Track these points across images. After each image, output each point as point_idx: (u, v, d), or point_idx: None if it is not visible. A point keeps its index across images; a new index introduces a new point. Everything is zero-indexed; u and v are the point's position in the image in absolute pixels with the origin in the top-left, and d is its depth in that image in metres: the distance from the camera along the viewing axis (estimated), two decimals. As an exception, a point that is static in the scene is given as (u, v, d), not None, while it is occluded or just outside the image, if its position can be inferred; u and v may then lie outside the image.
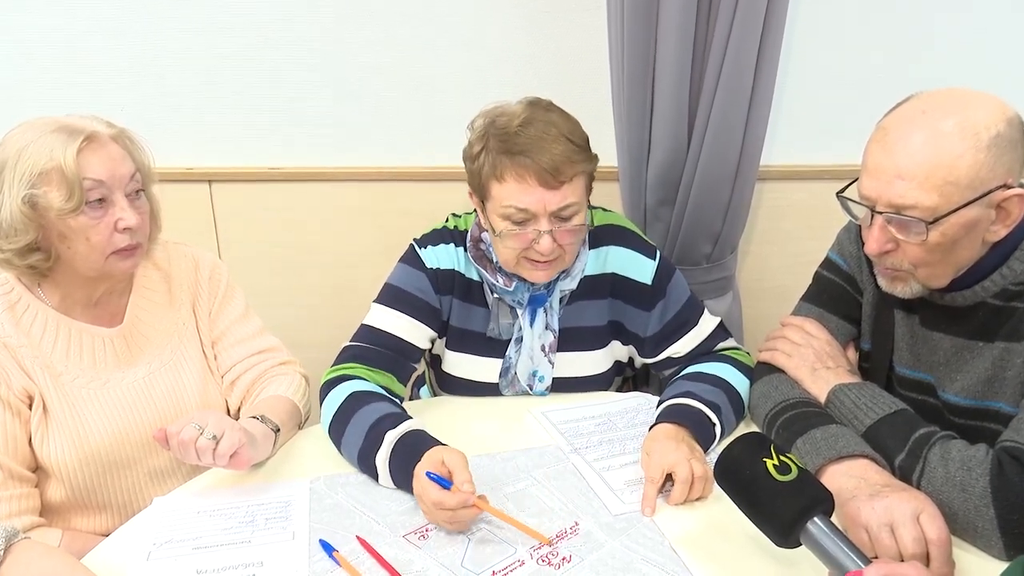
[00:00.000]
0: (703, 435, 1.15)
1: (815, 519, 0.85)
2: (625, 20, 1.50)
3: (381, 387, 1.22)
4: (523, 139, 1.14)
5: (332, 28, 1.80)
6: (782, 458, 0.89)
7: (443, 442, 1.08)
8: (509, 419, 1.29)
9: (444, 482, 0.98)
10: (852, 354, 1.30)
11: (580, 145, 1.18)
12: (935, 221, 0.99)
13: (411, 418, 1.15)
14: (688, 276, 1.57)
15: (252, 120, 1.86)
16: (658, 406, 1.23)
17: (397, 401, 1.22)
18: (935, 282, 1.08)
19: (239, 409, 1.31)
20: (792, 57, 1.75)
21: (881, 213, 1.03)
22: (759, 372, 1.29)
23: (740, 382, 1.27)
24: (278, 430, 1.18)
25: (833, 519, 0.90)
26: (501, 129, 1.16)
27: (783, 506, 0.86)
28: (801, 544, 0.87)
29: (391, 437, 1.09)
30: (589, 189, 1.23)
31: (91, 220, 1.11)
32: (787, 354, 1.25)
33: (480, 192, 1.22)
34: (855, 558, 0.82)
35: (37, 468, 1.17)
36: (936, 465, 0.99)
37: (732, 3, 1.42)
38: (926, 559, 0.90)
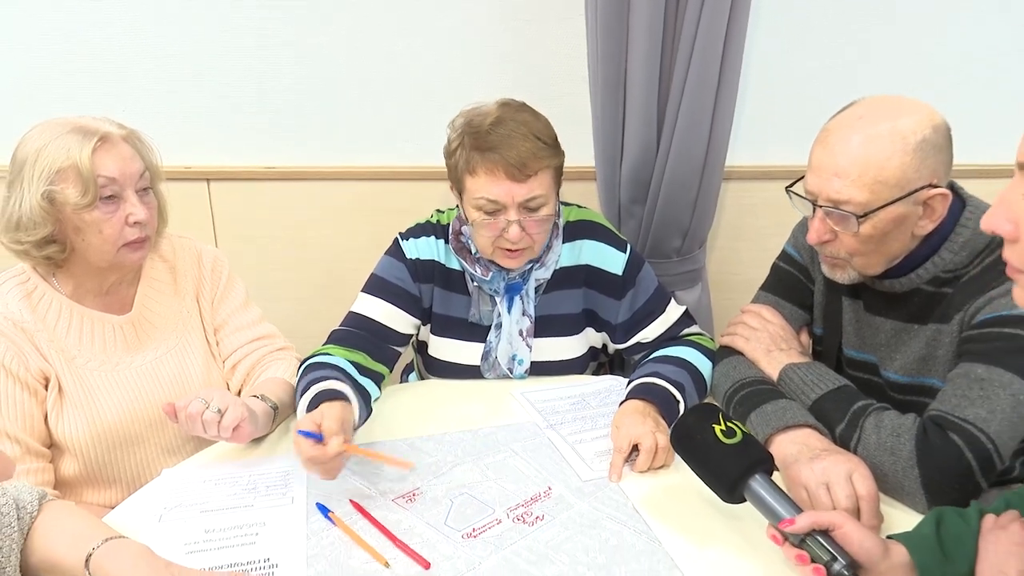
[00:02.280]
0: (668, 411, 1.26)
1: (756, 476, 0.96)
2: (599, 27, 1.61)
3: (350, 362, 1.31)
4: (494, 137, 1.25)
5: (327, 33, 1.89)
6: (729, 424, 1.00)
7: (348, 399, 1.17)
8: (491, 400, 1.40)
9: (316, 436, 1.06)
10: (805, 338, 1.41)
11: (547, 142, 1.29)
12: (866, 215, 1.10)
13: (340, 380, 1.21)
14: (660, 268, 1.68)
15: (249, 121, 1.96)
16: (627, 386, 1.34)
17: (348, 373, 1.28)
18: (870, 270, 1.19)
19: (240, 391, 1.40)
20: (757, 65, 1.87)
21: (821, 207, 1.15)
22: (720, 355, 1.40)
23: (703, 364, 1.38)
24: (276, 408, 1.28)
25: (780, 481, 1.01)
26: (475, 128, 1.27)
27: (728, 465, 0.97)
28: (745, 500, 0.98)
29: (308, 395, 1.18)
30: (558, 183, 1.34)
31: (104, 215, 1.20)
32: (745, 338, 1.37)
33: (457, 185, 1.33)
34: (789, 509, 0.93)
35: (52, 445, 1.26)
36: (870, 432, 1.10)
37: (696, 13, 1.53)
38: (857, 514, 1.02)
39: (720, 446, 0.98)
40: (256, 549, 1.00)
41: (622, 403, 1.28)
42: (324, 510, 1.07)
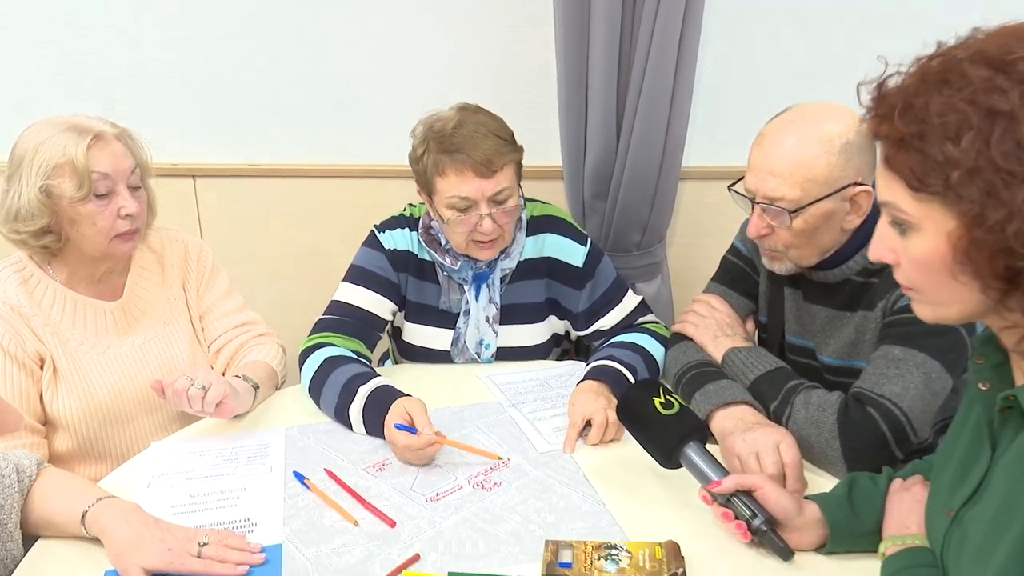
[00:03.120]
0: (620, 390, 1.36)
1: (690, 444, 1.07)
2: (562, 33, 1.72)
3: (352, 351, 1.42)
4: (458, 139, 1.34)
5: (309, 36, 1.99)
6: (667, 397, 1.11)
7: (407, 393, 1.28)
8: (460, 381, 1.50)
9: (410, 429, 1.19)
10: (751, 325, 1.52)
11: (506, 139, 1.39)
12: (797, 211, 1.21)
13: (378, 375, 1.35)
14: (621, 261, 1.79)
15: (234, 121, 2.05)
16: (585, 368, 1.45)
17: (366, 362, 1.42)
18: (804, 261, 1.30)
19: (224, 374, 1.49)
20: (712, 72, 1.98)
21: (758, 203, 1.26)
22: (672, 340, 1.51)
23: (656, 348, 1.49)
24: (257, 387, 1.38)
25: (718, 454, 1.12)
26: (438, 132, 1.36)
27: (666, 434, 1.08)
28: (681, 465, 1.09)
29: (363, 392, 1.29)
30: (519, 176, 1.43)
31: (97, 207, 1.29)
32: (695, 325, 1.48)
33: (427, 188, 1.42)
34: (718, 472, 1.04)
35: (47, 422, 1.35)
36: (799, 408, 1.21)
37: (651, 22, 1.64)
38: (783, 480, 1.13)
39: (659, 416, 1.09)
40: (237, 510, 1.10)
41: (579, 383, 1.39)
42: (300, 477, 1.17)
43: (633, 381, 1.40)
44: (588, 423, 1.29)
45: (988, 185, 0.64)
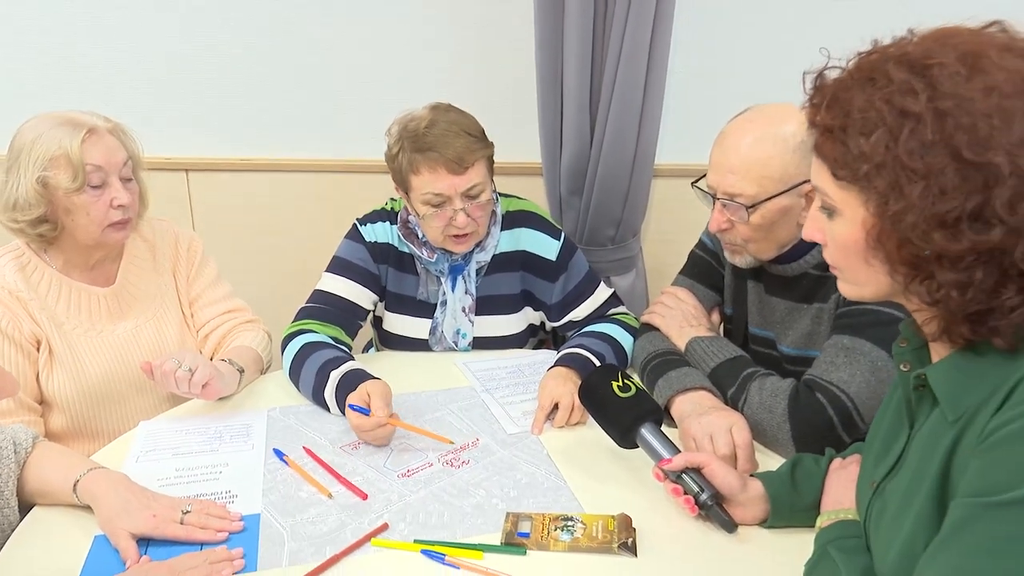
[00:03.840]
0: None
1: (645, 425, 1.14)
2: (540, 31, 1.79)
3: (330, 337, 1.49)
4: (430, 138, 1.41)
5: (299, 36, 2.06)
6: (625, 381, 1.18)
7: (377, 377, 1.35)
8: (437, 368, 1.57)
9: (364, 410, 1.25)
10: (716, 316, 1.59)
11: (477, 136, 1.45)
12: (753, 206, 1.28)
13: (352, 359, 1.42)
14: (596, 255, 1.86)
15: (225, 117, 2.12)
16: (556, 355, 1.52)
17: (344, 349, 1.49)
18: (762, 255, 1.37)
19: (211, 358, 1.56)
20: (687, 74, 2.05)
21: (719, 199, 1.32)
22: (641, 330, 1.58)
23: (624, 338, 1.56)
24: (243, 371, 1.45)
25: (676, 437, 1.19)
26: (412, 132, 1.43)
27: (622, 415, 1.15)
28: (637, 445, 1.16)
29: (335, 376, 1.36)
30: (491, 171, 1.50)
31: (91, 198, 1.36)
32: (661, 315, 1.54)
33: (403, 185, 1.49)
34: (670, 451, 1.11)
35: (42, 401, 1.42)
36: (754, 394, 1.28)
37: (621, 27, 1.70)
38: (735, 460, 1.19)
39: (616, 399, 1.16)
40: (219, 483, 1.17)
41: (549, 369, 1.46)
42: (280, 454, 1.24)
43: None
44: (556, 407, 1.36)
45: (893, 179, 0.71)
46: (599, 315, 1.63)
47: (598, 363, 1.46)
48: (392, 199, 1.64)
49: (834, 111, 0.75)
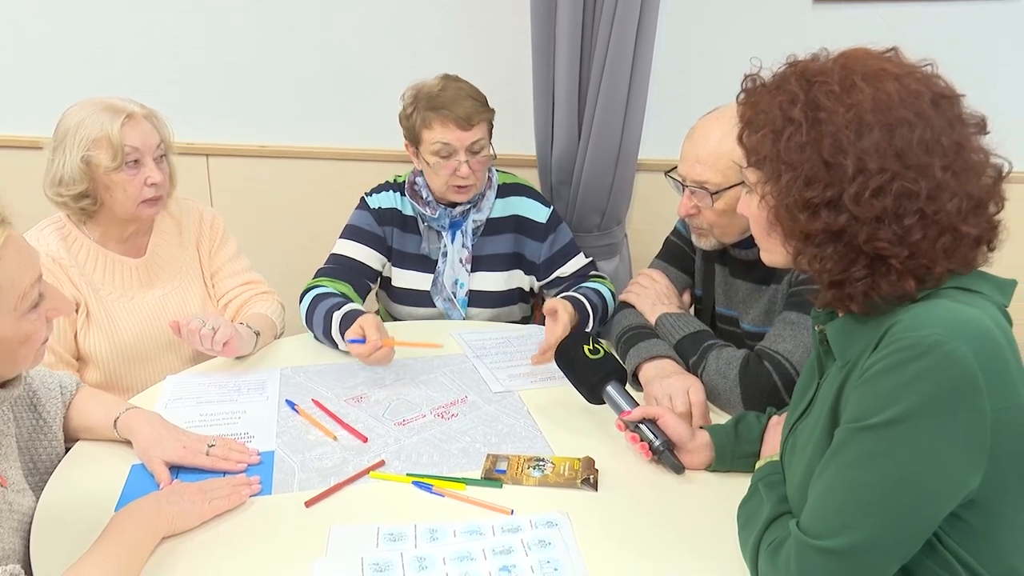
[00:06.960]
0: (581, 311, 1.66)
1: (611, 383, 1.30)
2: (534, 33, 1.95)
3: (339, 292, 1.70)
4: (443, 98, 1.66)
5: (317, 29, 2.23)
6: (596, 345, 1.34)
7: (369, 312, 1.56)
8: (433, 337, 1.71)
9: (361, 340, 1.46)
10: (687, 297, 1.75)
11: (481, 101, 1.71)
12: (717, 193, 1.44)
13: (351, 302, 1.64)
14: (583, 240, 2.02)
15: (245, 105, 2.30)
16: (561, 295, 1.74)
17: (349, 299, 1.69)
18: (726, 239, 1.53)
19: (230, 324, 1.73)
20: (672, 75, 2.20)
21: (687, 187, 1.48)
22: (618, 307, 1.73)
23: (608, 297, 1.79)
24: (259, 334, 1.61)
25: (642, 400, 1.35)
26: (427, 94, 1.67)
27: (590, 374, 1.31)
28: (604, 402, 1.32)
29: (336, 316, 1.57)
30: (490, 133, 1.73)
31: (128, 176, 1.53)
32: (636, 294, 1.70)
33: (414, 141, 1.72)
34: (630, 405, 1.27)
35: (80, 358, 1.59)
36: (712, 362, 1.44)
37: (608, 28, 1.85)
38: (691, 417, 1.35)
39: (586, 360, 1.32)
40: (238, 426, 1.34)
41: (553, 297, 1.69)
42: (291, 404, 1.41)
43: (589, 307, 1.69)
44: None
45: (773, 170, 0.88)
46: (582, 275, 1.85)
47: (589, 306, 1.69)
48: (397, 175, 1.83)
49: (750, 109, 0.92)
